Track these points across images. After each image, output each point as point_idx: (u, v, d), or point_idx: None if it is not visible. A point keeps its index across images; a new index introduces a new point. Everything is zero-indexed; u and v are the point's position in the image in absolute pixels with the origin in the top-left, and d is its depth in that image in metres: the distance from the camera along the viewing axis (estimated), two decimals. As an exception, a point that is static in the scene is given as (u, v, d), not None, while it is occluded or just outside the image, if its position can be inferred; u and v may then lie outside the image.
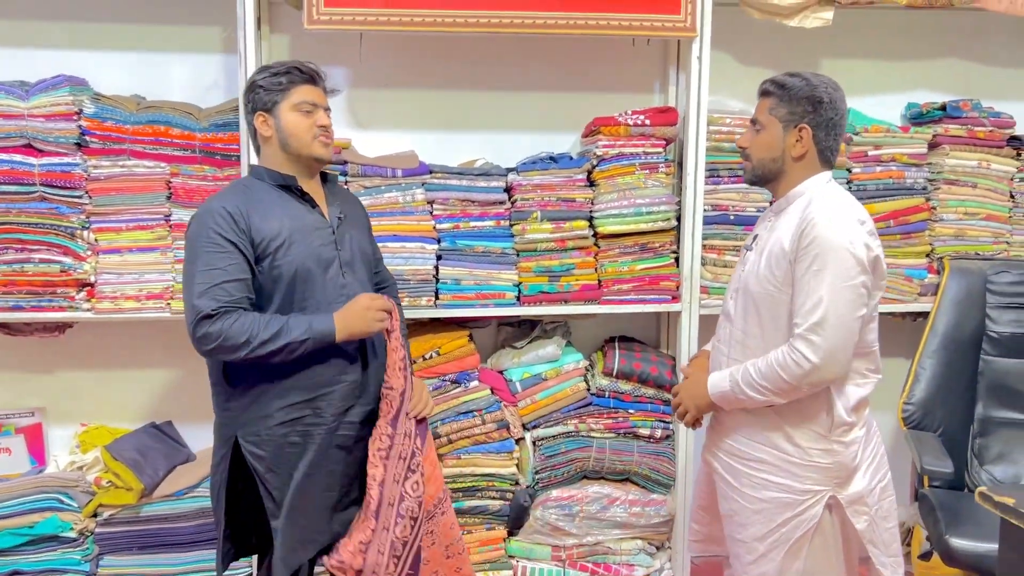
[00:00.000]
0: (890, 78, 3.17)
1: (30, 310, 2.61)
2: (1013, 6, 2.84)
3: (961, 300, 2.83)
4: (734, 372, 1.84)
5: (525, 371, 2.86)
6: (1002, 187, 3.00)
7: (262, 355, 1.88)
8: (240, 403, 2.00)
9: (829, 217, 1.74)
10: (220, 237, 1.90)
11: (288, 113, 2.02)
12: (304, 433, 2.00)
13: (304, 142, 2.02)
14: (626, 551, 2.88)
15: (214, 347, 1.88)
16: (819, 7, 2.77)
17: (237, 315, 1.88)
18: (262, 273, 1.96)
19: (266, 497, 2.00)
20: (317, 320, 1.93)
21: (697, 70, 2.73)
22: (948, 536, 2.39)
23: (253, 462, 1.98)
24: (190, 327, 1.89)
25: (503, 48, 2.97)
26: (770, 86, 1.89)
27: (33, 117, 2.57)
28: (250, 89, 2.06)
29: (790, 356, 1.73)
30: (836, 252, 1.72)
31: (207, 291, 1.87)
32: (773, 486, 1.83)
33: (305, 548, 2.03)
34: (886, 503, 1.91)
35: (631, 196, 2.78)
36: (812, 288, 1.72)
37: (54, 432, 2.96)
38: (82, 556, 2.68)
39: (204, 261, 1.90)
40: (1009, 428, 2.78)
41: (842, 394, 1.81)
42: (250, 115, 2.06)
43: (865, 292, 1.75)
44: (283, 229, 1.96)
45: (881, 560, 1.88)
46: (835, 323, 1.71)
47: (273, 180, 2.04)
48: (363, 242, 2.16)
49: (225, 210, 1.93)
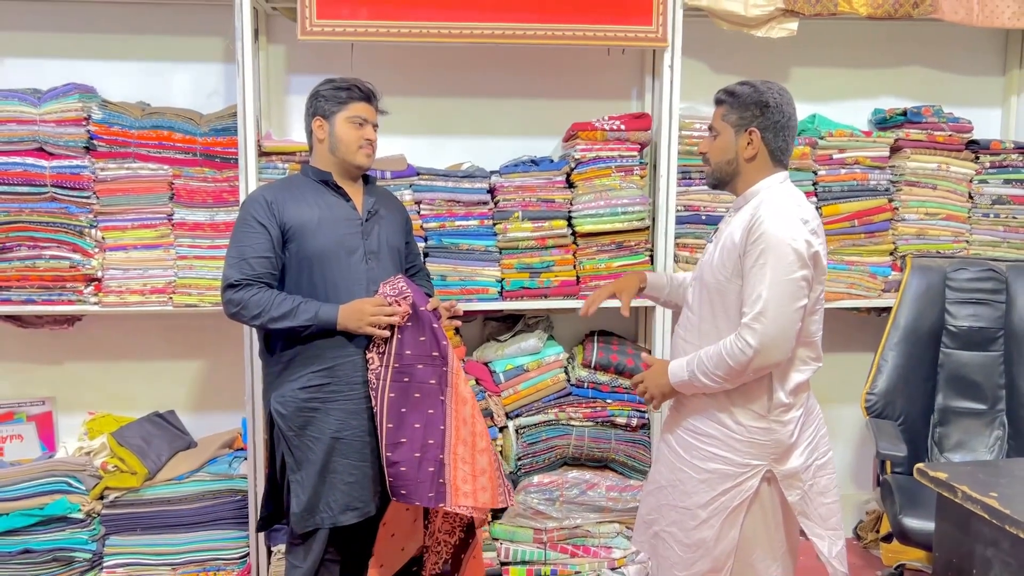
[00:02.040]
0: (856, 85, 3.32)
1: (41, 303, 2.77)
2: (968, 17, 2.99)
3: (922, 296, 2.96)
4: (690, 361, 1.98)
5: (508, 363, 3.01)
6: (961, 189, 3.15)
7: (271, 328, 2.18)
8: (275, 369, 2.27)
9: (775, 215, 1.88)
10: (254, 220, 2.21)
11: (342, 123, 2.28)
12: (325, 399, 2.22)
13: (350, 150, 2.29)
14: (604, 534, 3.01)
15: (234, 312, 2.19)
16: (784, 18, 2.91)
17: (258, 289, 2.18)
18: (290, 255, 2.24)
19: (287, 453, 2.24)
20: (324, 310, 2.18)
21: (669, 78, 2.88)
22: (902, 516, 2.54)
23: (277, 420, 2.24)
24: (221, 292, 2.22)
25: (487, 57, 3.13)
26: (722, 95, 2.03)
27: (45, 122, 2.73)
28: (314, 96, 2.32)
29: (736, 344, 1.88)
30: (779, 247, 1.85)
31: (236, 264, 2.19)
32: (718, 459, 1.97)
33: (345, 514, 2.22)
34: (823, 480, 2.04)
35: (608, 197, 2.93)
36: (757, 280, 1.86)
37: (63, 420, 3.11)
38: (89, 536, 2.81)
39: (238, 239, 2.22)
40: (967, 417, 2.92)
41: (783, 378, 1.94)
42: (309, 118, 2.33)
43: (805, 285, 1.88)
44: (313, 217, 2.24)
45: (816, 532, 2.01)
46: (776, 313, 1.84)
47: (315, 176, 2.32)
48: (393, 238, 2.39)
49: (264, 198, 2.24)
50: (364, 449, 2.24)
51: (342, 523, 2.22)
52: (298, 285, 2.24)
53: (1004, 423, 2.88)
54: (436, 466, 2.18)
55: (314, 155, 2.36)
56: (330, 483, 2.21)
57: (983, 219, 3.17)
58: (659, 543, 2.14)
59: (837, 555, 2.04)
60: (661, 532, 2.12)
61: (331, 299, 2.22)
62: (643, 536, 2.22)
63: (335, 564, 2.33)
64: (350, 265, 2.26)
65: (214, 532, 2.88)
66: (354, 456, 2.23)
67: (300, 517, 2.21)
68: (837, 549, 2.05)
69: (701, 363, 1.95)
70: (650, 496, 2.19)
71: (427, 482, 2.17)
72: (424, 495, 2.16)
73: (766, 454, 1.95)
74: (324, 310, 2.18)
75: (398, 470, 2.16)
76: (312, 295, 2.23)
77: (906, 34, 3.30)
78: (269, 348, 2.29)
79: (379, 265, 2.30)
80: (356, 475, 2.23)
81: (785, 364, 1.93)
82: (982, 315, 2.92)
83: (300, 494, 2.21)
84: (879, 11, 2.94)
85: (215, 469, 2.93)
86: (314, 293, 2.23)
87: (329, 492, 2.21)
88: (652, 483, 2.20)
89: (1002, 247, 3.18)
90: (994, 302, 2.92)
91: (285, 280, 2.25)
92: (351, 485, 2.22)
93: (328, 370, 2.22)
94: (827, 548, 2.03)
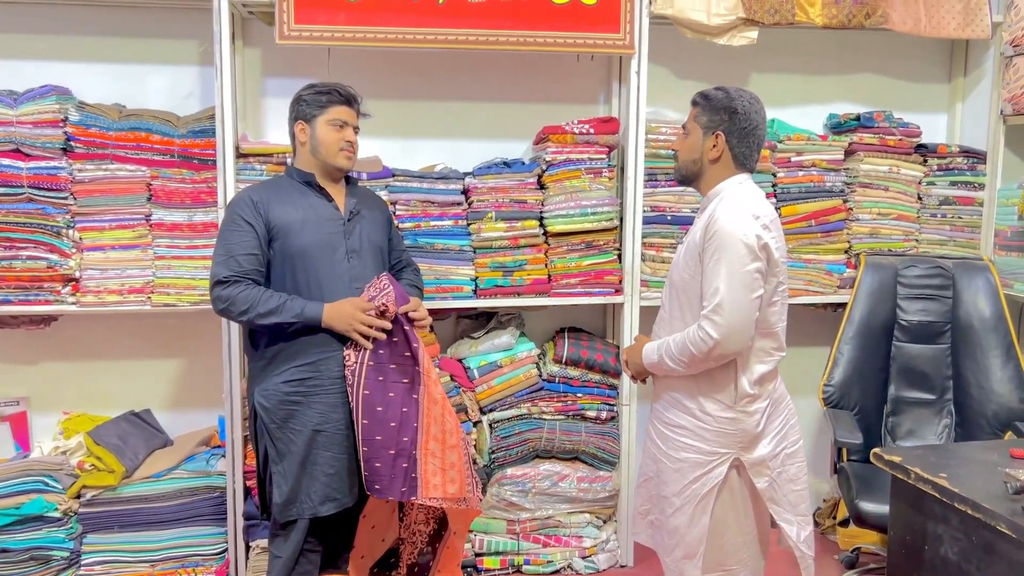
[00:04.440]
0: (812, 91, 3.46)
1: (18, 304, 2.78)
2: (916, 27, 3.14)
3: (875, 292, 3.10)
4: (660, 345, 2.10)
5: (482, 359, 3.09)
6: (911, 190, 3.31)
7: (258, 324, 2.25)
8: (259, 364, 2.34)
9: (727, 212, 1.98)
10: (241, 219, 2.29)
11: (322, 126, 2.36)
12: (307, 393, 2.28)
13: (331, 152, 2.37)
14: (575, 524, 3.11)
15: (223, 308, 2.26)
16: (745, 27, 3.04)
17: (246, 286, 2.25)
18: (275, 251, 2.31)
19: (269, 445, 2.30)
20: (310, 307, 2.25)
21: (636, 83, 2.99)
22: (858, 500, 2.66)
23: (260, 413, 2.30)
24: (209, 288, 2.29)
25: (460, 62, 3.20)
26: (697, 97, 2.14)
27: (21, 124, 2.74)
28: (296, 101, 2.40)
29: (697, 334, 1.98)
30: (731, 242, 1.95)
31: (224, 261, 2.26)
32: (689, 448, 2.08)
33: (325, 505, 2.29)
34: (792, 468, 2.15)
35: (578, 198, 3.03)
36: (713, 275, 1.97)
37: (38, 420, 3.11)
38: (66, 535, 2.81)
39: (226, 237, 2.29)
40: (918, 407, 3.07)
41: (747, 370, 2.05)
42: (292, 122, 2.41)
43: (759, 276, 1.98)
44: (297, 216, 2.32)
45: (784, 517, 2.13)
46: (732, 305, 1.95)
47: (298, 177, 2.40)
48: (375, 236, 2.46)
49: (250, 198, 2.32)
50: (344, 442, 2.30)
51: (322, 514, 2.29)
52: (283, 282, 2.32)
53: (951, 412, 3.03)
54: (409, 462, 2.25)
55: (297, 157, 2.44)
56: (311, 474, 2.28)
57: (931, 219, 3.34)
58: (655, 532, 2.25)
59: (805, 540, 2.15)
60: (655, 521, 2.23)
61: (315, 295, 2.30)
62: (640, 526, 2.32)
63: (315, 554, 2.38)
64: (333, 263, 2.33)
65: (192, 529, 2.91)
66: (335, 448, 2.30)
67: (282, 507, 2.28)
68: (805, 534, 2.15)
69: (668, 348, 2.06)
70: (642, 488, 2.30)
71: (400, 477, 2.24)
72: (397, 490, 2.24)
73: (734, 443, 2.05)
74: (310, 307, 2.25)
75: (373, 466, 2.23)
76: (296, 291, 2.30)
77: (859, 43, 3.45)
78: (254, 343, 2.36)
79: (361, 263, 2.38)
80: (336, 467, 2.30)
81: (747, 355, 2.04)
82: (931, 310, 3.07)
83: (282, 485, 2.28)
84: (834, 21, 3.08)
85: (193, 466, 2.96)
86: (297, 289, 2.30)
87: (310, 483, 2.28)
88: (642, 475, 2.30)
89: (949, 245, 3.34)
90: (942, 297, 3.07)
91: (270, 277, 2.33)
92: (331, 477, 2.29)
93: (311, 365, 2.29)
94: (795, 533, 2.13)
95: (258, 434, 2.35)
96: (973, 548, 1.81)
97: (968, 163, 3.33)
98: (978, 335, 3.01)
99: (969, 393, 2.99)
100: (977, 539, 1.80)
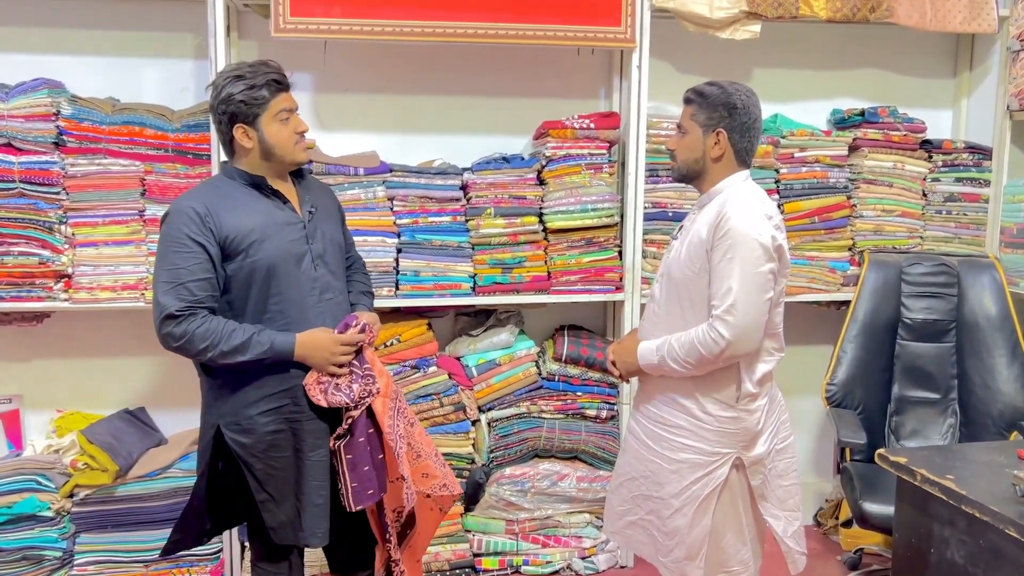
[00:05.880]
0: (816, 86, 3.42)
1: (10, 300, 2.74)
2: (922, 21, 3.10)
3: (879, 290, 3.07)
4: (660, 346, 2.04)
5: (480, 357, 3.05)
6: (915, 187, 3.27)
7: (220, 363, 1.98)
8: (220, 392, 2.07)
9: (740, 211, 1.95)
10: (187, 237, 1.96)
11: (270, 125, 2.05)
12: (289, 420, 2.06)
13: (287, 150, 2.09)
14: (575, 524, 3.08)
15: (176, 347, 1.97)
16: (747, 21, 3.00)
17: (203, 319, 1.96)
18: (234, 270, 2.01)
19: (249, 477, 2.06)
20: (280, 341, 2.00)
21: (637, 78, 2.95)
22: (862, 501, 2.63)
23: (236, 448, 2.05)
24: (156, 324, 1.97)
25: (459, 56, 3.16)
26: (691, 94, 2.09)
27: (13, 118, 2.70)
28: (226, 102, 2.03)
29: (708, 334, 1.94)
30: (747, 242, 1.92)
31: (171, 289, 1.95)
32: (689, 449, 2.04)
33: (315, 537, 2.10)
34: (782, 463, 2.12)
35: (578, 194, 2.99)
36: (726, 274, 1.93)
37: (30, 418, 3.08)
38: (59, 534, 2.78)
39: (170, 260, 1.96)
40: (922, 406, 3.03)
41: (750, 369, 2.02)
42: (227, 127, 2.06)
43: (772, 277, 1.96)
44: (255, 226, 2.02)
45: (773, 513, 2.10)
46: (746, 305, 1.91)
47: (244, 179, 2.09)
48: (334, 233, 2.22)
49: (193, 210, 1.98)
50: (327, 471, 2.11)
51: (314, 546, 2.13)
52: (243, 304, 2.05)
53: (956, 411, 3.00)
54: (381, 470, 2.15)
55: (237, 161, 2.12)
56: (302, 504, 2.09)
57: (936, 216, 3.30)
58: (635, 532, 2.20)
59: (793, 535, 2.12)
60: (639, 522, 2.18)
61: (281, 312, 2.06)
62: (615, 527, 2.28)
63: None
64: (299, 274, 2.08)
65: (187, 528, 2.87)
66: (319, 477, 2.09)
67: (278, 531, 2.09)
68: (793, 529, 2.13)
69: (672, 349, 2.01)
70: (621, 488, 2.24)
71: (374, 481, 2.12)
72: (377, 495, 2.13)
73: (735, 442, 2.02)
74: (280, 341, 2.00)
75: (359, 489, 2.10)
76: (259, 310, 2.05)
77: (863, 37, 3.41)
78: (207, 370, 2.10)
79: (327, 269, 2.15)
80: (323, 496, 2.10)
81: (753, 355, 2.01)
82: (935, 308, 3.04)
83: (274, 509, 2.08)
84: (838, 15, 3.04)
85: (187, 466, 2.91)
86: (261, 308, 2.05)
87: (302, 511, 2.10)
88: (621, 475, 2.25)
89: (954, 242, 3.30)
90: (947, 295, 3.04)
91: (228, 299, 2.05)
92: (319, 507, 2.09)
93: (286, 392, 2.06)
94: (782, 528, 2.11)
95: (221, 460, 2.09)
96: (980, 551, 1.78)
97: (974, 159, 3.28)
98: (983, 334, 2.98)
99: (974, 392, 2.96)
100: (984, 542, 1.77)
